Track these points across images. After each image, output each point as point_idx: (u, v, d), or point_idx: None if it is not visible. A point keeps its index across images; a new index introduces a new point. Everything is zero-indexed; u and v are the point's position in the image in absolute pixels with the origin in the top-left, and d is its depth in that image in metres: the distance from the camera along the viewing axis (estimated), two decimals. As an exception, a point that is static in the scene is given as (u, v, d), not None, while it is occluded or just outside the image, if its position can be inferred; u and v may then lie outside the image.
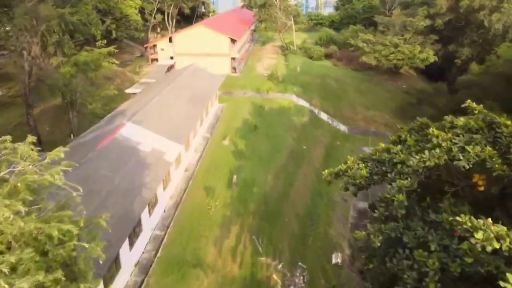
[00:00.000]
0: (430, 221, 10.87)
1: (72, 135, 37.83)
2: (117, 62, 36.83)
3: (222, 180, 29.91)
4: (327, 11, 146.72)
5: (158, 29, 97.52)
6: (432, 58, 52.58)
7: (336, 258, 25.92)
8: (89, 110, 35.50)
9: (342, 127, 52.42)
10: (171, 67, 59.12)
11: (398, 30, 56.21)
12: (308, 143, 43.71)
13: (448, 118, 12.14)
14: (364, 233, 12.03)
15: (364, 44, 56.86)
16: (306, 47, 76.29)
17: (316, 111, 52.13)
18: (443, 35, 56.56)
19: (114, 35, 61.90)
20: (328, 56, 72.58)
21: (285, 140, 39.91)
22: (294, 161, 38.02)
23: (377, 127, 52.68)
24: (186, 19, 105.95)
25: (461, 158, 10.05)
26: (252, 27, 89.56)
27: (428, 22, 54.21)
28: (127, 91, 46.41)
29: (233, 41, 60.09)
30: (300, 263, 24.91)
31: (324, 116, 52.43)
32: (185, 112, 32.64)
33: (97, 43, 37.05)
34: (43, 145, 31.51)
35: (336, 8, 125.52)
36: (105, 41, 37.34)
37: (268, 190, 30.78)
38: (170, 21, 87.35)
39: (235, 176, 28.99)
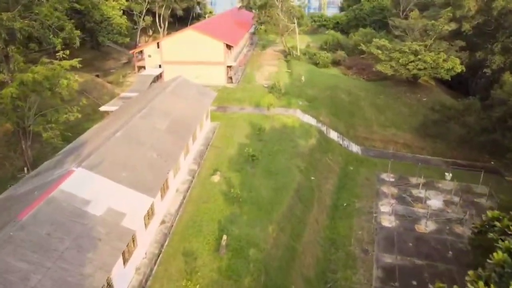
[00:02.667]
0: None
1: (26, 169, 30.53)
2: (79, 79, 29.37)
3: (208, 239, 22.55)
4: (331, 11, 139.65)
5: (150, 32, 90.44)
6: (459, 68, 45.19)
7: None
8: (44, 139, 28.17)
9: (355, 148, 45.10)
10: (158, 77, 51.78)
11: (417, 35, 48.82)
12: (317, 173, 36.38)
13: None
14: None
15: (378, 51, 49.49)
16: (310, 52, 68.93)
17: (324, 129, 44.80)
18: (470, 41, 49.19)
19: (101, 40, 54.63)
20: (335, 63, 65.17)
21: (289, 173, 32.56)
22: (301, 200, 30.69)
23: (396, 148, 45.40)
24: (181, 20, 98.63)
25: None
26: (251, 30, 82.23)
27: (453, 26, 46.82)
28: (102, 108, 39.11)
29: (229, 47, 52.79)
30: None
31: (334, 135, 45.10)
32: (163, 145, 25.28)
33: (57, 54, 29.58)
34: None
35: (341, 9, 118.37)
36: (67, 52, 29.81)
37: (269, 250, 23.44)
38: (162, 24, 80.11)
39: (225, 237, 21.64)
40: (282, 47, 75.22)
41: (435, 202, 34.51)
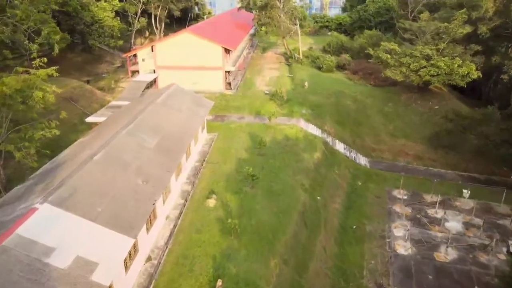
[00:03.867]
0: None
1: (-2, 190, 27.26)
2: (57, 90, 26.15)
3: (201, 282, 19.34)
4: (332, 12, 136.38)
5: (147, 33, 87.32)
6: (475, 74, 41.85)
7: None
8: (17, 159, 24.94)
9: (363, 160, 41.87)
10: (151, 84, 48.57)
11: (429, 38, 45.52)
12: (323, 191, 33.17)
13: None
14: None
15: (387, 56, 46.20)
16: (313, 55, 65.65)
17: (329, 140, 41.59)
18: (485, 45, 45.91)
19: (91, 43, 51.29)
20: (340, 67, 61.89)
21: (293, 193, 29.37)
22: (306, 225, 27.49)
23: (407, 159, 42.17)
24: (179, 21, 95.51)
25: None
26: (251, 31, 79.03)
27: (469, 29, 43.54)
28: (89, 119, 35.89)
29: (227, 51, 49.57)
30: None
31: (340, 146, 41.89)
32: (151, 167, 22.08)
33: (34, 62, 26.30)
34: None
35: (344, 9, 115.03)
36: (45, 59, 26.56)
37: (271, 291, 20.24)
38: (158, 25, 76.91)
39: (219, 282, 18.41)
40: (283, 50, 72.08)
41: (454, 224, 31.26)
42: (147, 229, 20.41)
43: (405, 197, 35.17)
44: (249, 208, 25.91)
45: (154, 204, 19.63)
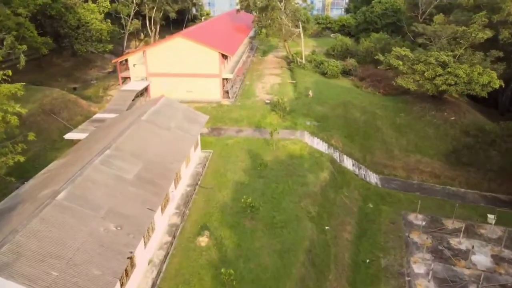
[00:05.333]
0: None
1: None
2: (22, 111, 22.22)
3: None
4: (335, 13, 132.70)
5: (142, 35, 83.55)
6: (497, 83, 37.93)
7: None
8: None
9: (374, 178, 38.03)
10: (143, 92, 44.70)
11: (445, 43, 41.65)
12: (331, 218, 29.31)
13: None
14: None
15: (399, 62, 42.32)
16: (317, 59, 61.75)
17: (337, 156, 37.74)
18: (505, 50, 42.00)
19: (77, 48, 47.34)
20: (345, 72, 57.96)
21: (299, 224, 25.48)
22: (314, 265, 23.63)
23: (423, 178, 38.39)
24: (176, 23, 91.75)
25: None
26: (251, 33, 75.21)
27: (490, 33, 39.63)
28: (68, 136, 31.99)
29: (225, 56, 45.72)
30: None
31: (348, 163, 38.05)
32: (127, 207, 18.22)
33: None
34: None
35: (347, 10, 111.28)
36: (10, 72, 22.67)
37: None
38: (153, 27, 73.10)
39: None
40: (284, 53, 68.26)
41: (482, 258, 27.37)
42: (121, 284, 16.55)
43: (423, 223, 31.23)
44: (248, 247, 22.06)
45: (129, 257, 15.76)
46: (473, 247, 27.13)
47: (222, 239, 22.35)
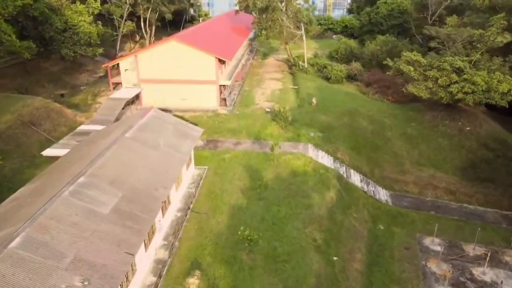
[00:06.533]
0: None
1: None
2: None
3: None
4: (336, 13, 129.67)
5: (137, 37, 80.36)
6: (518, 92, 34.93)
7: None
8: None
9: (383, 195, 34.91)
10: (133, 100, 41.60)
11: (460, 47, 38.53)
12: (339, 246, 26.19)
13: None
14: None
15: (410, 68, 39.21)
16: (320, 63, 58.64)
17: (343, 170, 34.64)
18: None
19: (64, 52, 44.08)
20: (350, 77, 54.81)
21: (304, 256, 22.40)
22: (323, 307, 20.52)
23: (437, 194, 35.26)
24: (173, 24, 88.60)
25: None
26: (251, 35, 72.14)
27: (509, 37, 36.51)
28: (46, 153, 28.89)
29: (222, 61, 42.62)
30: None
31: (356, 178, 34.94)
32: (99, 252, 15.10)
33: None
34: None
35: (349, 11, 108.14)
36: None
37: None
38: (148, 29, 69.99)
39: None
40: (285, 55, 65.14)
41: (510, 293, 24.28)
42: None
43: (441, 249, 28.13)
44: (245, 289, 18.97)
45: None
46: (502, 282, 24.04)
47: (216, 279, 19.25)
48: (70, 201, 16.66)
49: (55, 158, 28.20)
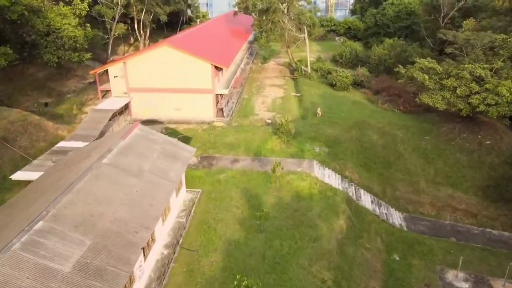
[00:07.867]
0: None
1: None
2: None
3: None
4: (338, 14, 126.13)
5: (132, 40, 76.86)
6: (544, 103, 31.49)
7: None
8: None
9: (397, 218, 31.46)
10: (121, 111, 38.14)
11: (480, 53, 35.11)
12: (351, 285, 22.70)
13: None
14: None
15: (424, 76, 35.76)
16: (323, 68, 55.20)
17: (352, 191, 31.22)
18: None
19: (47, 58, 40.54)
20: (356, 83, 51.33)
21: (312, 306, 18.94)
22: None
23: (456, 216, 31.83)
24: (171, 25, 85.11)
25: None
26: (250, 37, 68.73)
27: (535, 42, 33.18)
28: (15, 176, 25.39)
29: (219, 68, 39.17)
30: None
31: (366, 199, 31.52)
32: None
33: None
34: None
35: (352, 12, 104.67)
36: None
37: None
38: (142, 31, 66.54)
39: None
40: (287, 59, 61.68)
41: None
42: None
43: (468, 286, 24.70)
44: None
45: None
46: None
47: None
48: (20, 258, 13.20)
49: (27, 182, 24.79)
